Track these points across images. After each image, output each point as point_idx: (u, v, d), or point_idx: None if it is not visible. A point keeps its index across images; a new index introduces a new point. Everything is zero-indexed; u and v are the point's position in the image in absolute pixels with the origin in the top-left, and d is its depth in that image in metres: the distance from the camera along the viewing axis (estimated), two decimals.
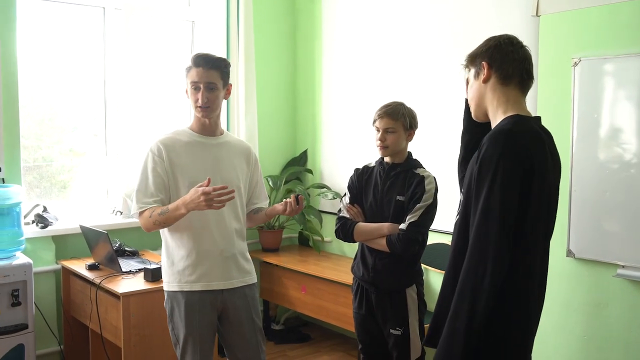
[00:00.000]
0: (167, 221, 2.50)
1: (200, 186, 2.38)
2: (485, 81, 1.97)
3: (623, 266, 3.14)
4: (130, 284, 3.32)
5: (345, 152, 4.65)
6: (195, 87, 2.57)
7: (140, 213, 2.56)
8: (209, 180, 2.39)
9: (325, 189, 4.63)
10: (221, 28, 4.46)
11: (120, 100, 4.25)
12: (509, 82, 1.96)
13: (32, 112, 4.09)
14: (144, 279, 3.35)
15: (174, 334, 2.66)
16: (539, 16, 2.96)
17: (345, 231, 2.94)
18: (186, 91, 2.64)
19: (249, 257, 2.79)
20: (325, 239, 4.75)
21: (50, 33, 4.11)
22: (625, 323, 3.17)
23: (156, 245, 4.23)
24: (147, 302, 3.23)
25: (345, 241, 3.00)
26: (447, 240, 3.87)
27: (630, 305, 3.15)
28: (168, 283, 2.65)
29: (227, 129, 4.49)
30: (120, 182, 4.24)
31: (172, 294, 2.64)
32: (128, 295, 3.17)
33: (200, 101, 2.56)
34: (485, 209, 1.79)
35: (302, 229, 4.71)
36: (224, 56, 4.41)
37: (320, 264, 4.39)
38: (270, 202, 3.29)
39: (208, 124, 2.66)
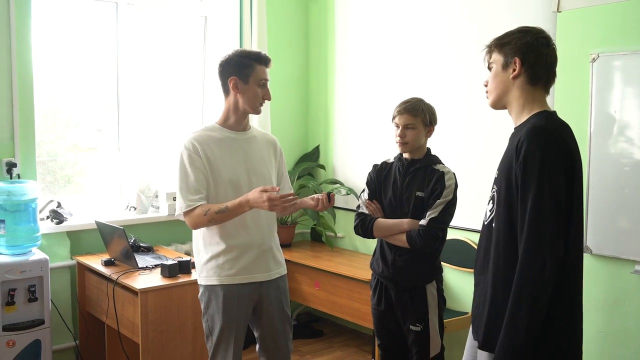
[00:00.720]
0: (224, 219, 2.55)
1: (264, 190, 2.43)
2: (515, 77, 1.97)
3: None
4: (148, 279, 3.32)
5: (357, 147, 4.65)
6: (264, 83, 2.64)
7: (188, 211, 2.58)
8: (273, 189, 2.46)
9: (338, 185, 4.62)
10: (234, 23, 4.44)
11: (133, 96, 4.26)
12: (537, 82, 1.98)
13: (37, 106, 4.06)
14: (161, 274, 3.35)
15: (207, 327, 2.69)
16: (560, 12, 2.94)
17: (364, 227, 2.94)
18: (235, 86, 2.62)
19: (280, 248, 2.85)
20: (338, 234, 4.74)
21: (61, 27, 4.10)
22: None
23: (169, 241, 4.27)
24: (164, 298, 3.24)
25: (364, 237, 3.00)
26: (465, 236, 3.87)
27: None
28: (206, 277, 2.68)
29: None
30: (133, 178, 4.24)
31: (210, 287, 2.67)
32: (146, 291, 3.17)
33: (268, 97, 2.67)
34: (538, 206, 1.81)
35: (315, 225, 4.71)
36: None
37: (333, 259, 4.39)
38: None
39: (244, 119, 2.71)
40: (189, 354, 3.33)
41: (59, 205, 3.89)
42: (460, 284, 3.95)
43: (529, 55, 1.95)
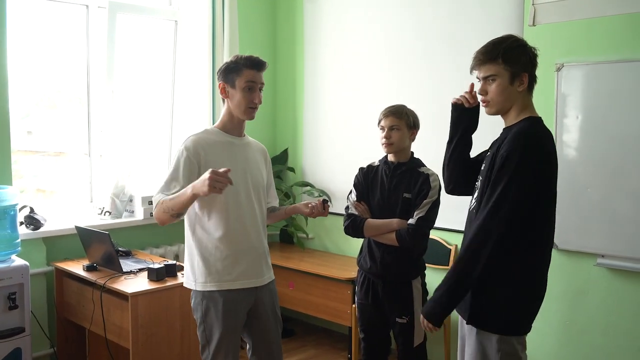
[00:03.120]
0: (174, 206, 2.47)
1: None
2: (521, 90, 2.18)
3: (603, 256, 3.40)
4: (135, 284, 3.33)
5: (327, 150, 4.77)
6: (251, 87, 2.60)
7: (156, 205, 2.55)
8: (228, 170, 2.36)
9: (309, 187, 4.73)
10: (205, 28, 4.47)
11: (104, 99, 4.23)
12: (532, 90, 2.23)
13: None
14: (148, 278, 3.37)
15: (204, 335, 2.66)
16: (535, 26, 3.18)
17: (355, 227, 3.07)
18: (223, 90, 2.64)
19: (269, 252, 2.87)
20: (309, 236, 4.86)
21: (32, 30, 4.04)
22: (604, 308, 3.44)
23: (144, 245, 4.28)
24: (153, 302, 3.27)
25: (354, 237, 3.13)
26: (439, 236, 4.04)
27: (609, 292, 3.42)
28: (203, 283, 2.64)
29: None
30: (106, 182, 4.21)
31: (207, 294, 2.63)
32: (137, 295, 3.19)
33: (256, 101, 2.62)
34: (503, 195, 2.08)
35: (285, 226, 4.80)
36: (210, 55, 4.47)
37: (306, 260, 4.50)
38: None
39: (241, 125, 2.73)
40: (177, 355, 3.37)
41: (32, 210, 3.84)
42: (434, 283, 4.11)
43: (532, 69, 2.18)
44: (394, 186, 3.05)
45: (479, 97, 2.27)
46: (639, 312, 3.32)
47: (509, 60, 2.13)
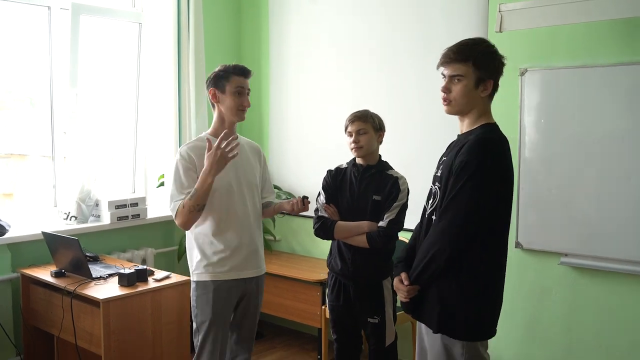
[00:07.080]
0: (197, 200, 2.70)
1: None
2: (484, 96, 2.22)
3: (566, 255, 3.52)
4: (106, 289, 3.29)
5: (294, 153, 4.79)
6: (240, 92, 2.85)
7: (176, 214, 2.77)
8: (209, 141, 2.69)
9: (276, 190, 4.73)
10: (169, 29, 4.43)
11: (68, 102, 4.16)
12: (493, 96, 2.28)
13: None
14: (119, 284, 3.33)
15: (196, 321, 2.90)
16: (501, 32, 3.27)
17: (325, 229, 3.11)
18: (214, 96, 2.86)
19: (263, 247, 3.11)
20: (277, 238, 4.87)
21: None
22: (568, 305, 3.56)
23: (110, 250, 4.22)
24: (125, 307, 3.23)
25: (324, 239, 3.16)
26: (407, 237, 4.09)
27: (572, 290, 3.54)
28: (199, 274, 2.89)
29: (179, 131, 4.50)
30: (71, 186, 4.14)
31: (201, 283, 2.88)
32: (108, 301, 3.15)
33: (245, 104, 2.87)
34: (459, 206, 2.15)
35: None
36: (175, 58, 4.45)
37: (274, 262, 4.51)
38: None
39: (231, 128, 2.87)
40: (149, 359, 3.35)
41: None
42: None
43: (498, 77, 2.23)
44: (363, 188, 3.10)
45: (441, 95, 2.27)
46: (602, 309, 3.45)
47: (480, 65, 2.17)
